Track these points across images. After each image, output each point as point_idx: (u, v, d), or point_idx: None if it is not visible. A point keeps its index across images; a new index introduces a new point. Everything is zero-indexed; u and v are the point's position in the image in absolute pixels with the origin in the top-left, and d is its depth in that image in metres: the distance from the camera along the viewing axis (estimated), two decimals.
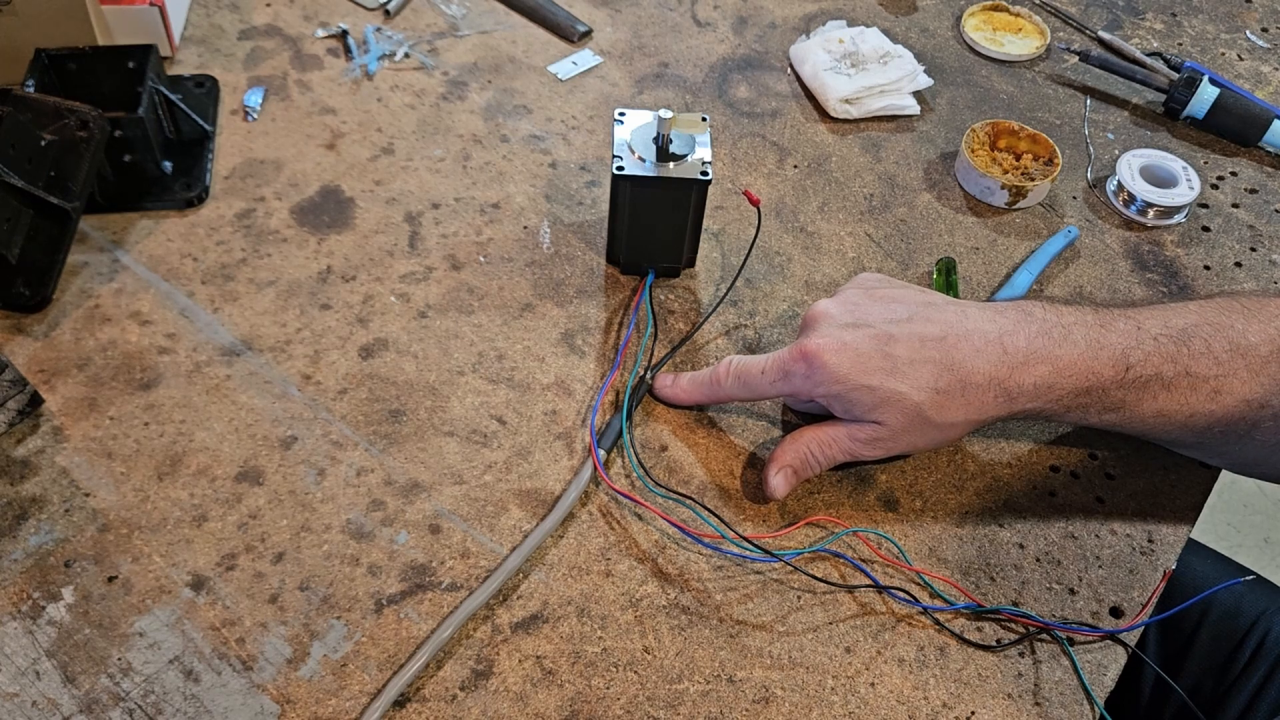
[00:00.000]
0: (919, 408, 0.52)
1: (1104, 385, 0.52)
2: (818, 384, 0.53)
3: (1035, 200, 0.74)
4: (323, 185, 0.71)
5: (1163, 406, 0.53)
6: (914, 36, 0.86)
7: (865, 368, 0.52)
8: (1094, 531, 0.58)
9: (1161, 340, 0.52)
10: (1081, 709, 0.51)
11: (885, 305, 0.55)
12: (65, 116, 0.62)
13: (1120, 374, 0.52)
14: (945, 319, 0.53)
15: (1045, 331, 0.52)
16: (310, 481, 0.56)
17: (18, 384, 0.56)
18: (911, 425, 0.53)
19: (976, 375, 0.52)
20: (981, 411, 0.52)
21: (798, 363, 0.53)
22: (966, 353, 0.52)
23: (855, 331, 0.53)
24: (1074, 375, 0.52)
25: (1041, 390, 0.52)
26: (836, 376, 0.52)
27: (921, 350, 0.52)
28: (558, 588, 0.53)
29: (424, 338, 0.63)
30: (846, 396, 0.53)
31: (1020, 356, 0.52)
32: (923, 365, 0.52)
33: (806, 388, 0.54)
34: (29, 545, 0.53)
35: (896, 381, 0.52)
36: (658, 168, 0.61)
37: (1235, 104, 0.79)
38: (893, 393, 0.52)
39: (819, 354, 0.53)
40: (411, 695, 0.49)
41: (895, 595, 0.54)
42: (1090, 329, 0.53)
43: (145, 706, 0.48)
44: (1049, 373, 0.52)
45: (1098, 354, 0.52)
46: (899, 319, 0.54)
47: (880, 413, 0.53)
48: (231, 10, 0.82)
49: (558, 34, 0.83)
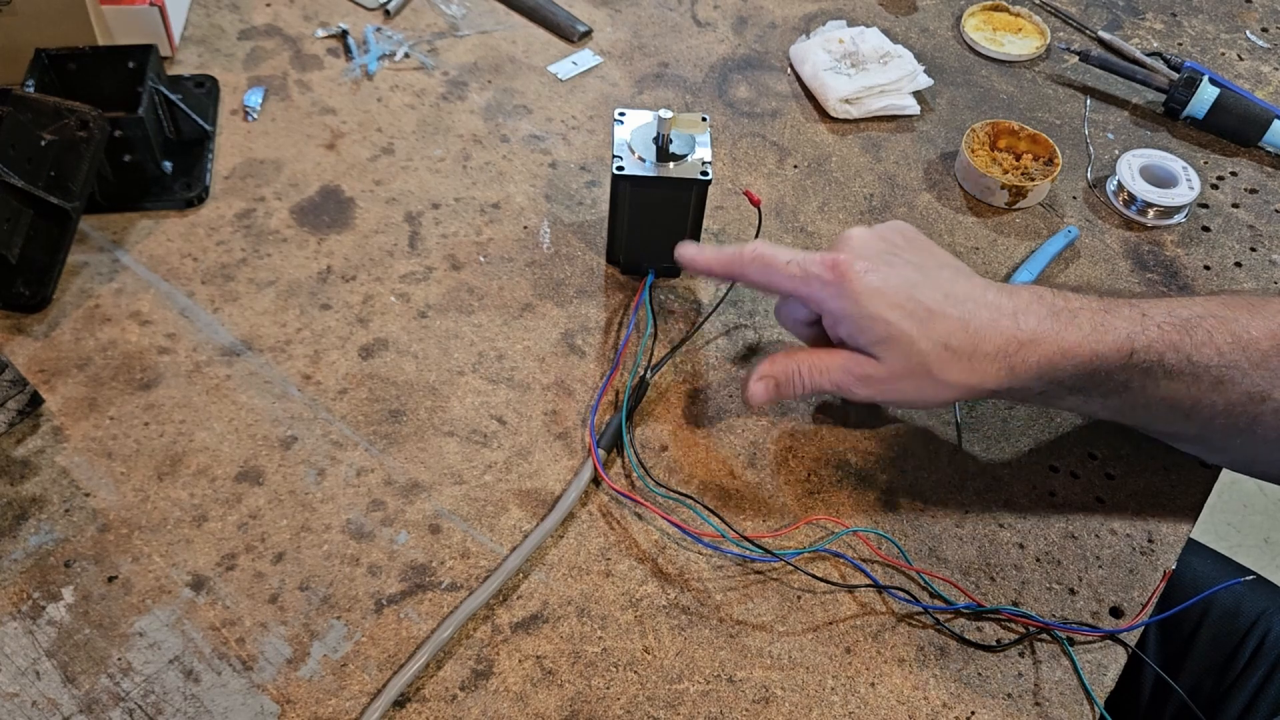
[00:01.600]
0: (924, 357, 0.52)
1: (1107, 369, 0.52)
2: (836, 298, 0.52)
3: (1035, 200, 0.74)
4: (323, 185, 0.71)
5: (1165, 393, 0.53)
6: (914, 36, 0.86)
7: (888, 300, 0.52)
8: (1094, 531, 0.58)
9: (1165, 328, 0.52)
10: (1081, 709, 0.51)
11: (919, 252, 0.55)
12: (65, 116, 0.62)
13: (1124, 358, 0.52)
14: (970, 285, 0.54)
15: (1054, 314, 0.53)
16: (310, 481, 0.56)
17: (18, 384, 0.56)
18: (910, 372, 0.52)
19: (987, 344, 0.52)
20: (982, 380, 0.52)
21: (826, 269, 0.53)
22: (984, 320, 0.52)
23: (888, 263, 0.53)
24: (1078, 357, 0.52)
25: (1045, 370, 0.52)
26: (859, 297, 0.52)
27: (944, 304, 0.52)
28: (558, 588, 0.53)
29: (424, 338, 0.63)
30: (860, 321, 0.52)
31: (1030, 334, 0.52)
32: (941, 318, 0.52)
33: (823, 298, 0.53)
34: (29, 545, 0.53)
35: (912, 324, 0.51)
36: (658, 168, 0.61)
37: (1235, 104, 0.79)
38: (904, 334, 0.51)
39: (849, 269, 0.52)
40: (411, 695, 0.49)
41: (895, 595, 0.54)
42: (1096, 314, 0.53)
43: (145, 706, 0.48)
44: (1054, 353, 0.52)
45: (1102, 337, 0.52)
46: (929, 268, 0.54)
47: (884, 349, 0.52)
48: (231, 10, 0.82)
49: (558, 34, 0.83)
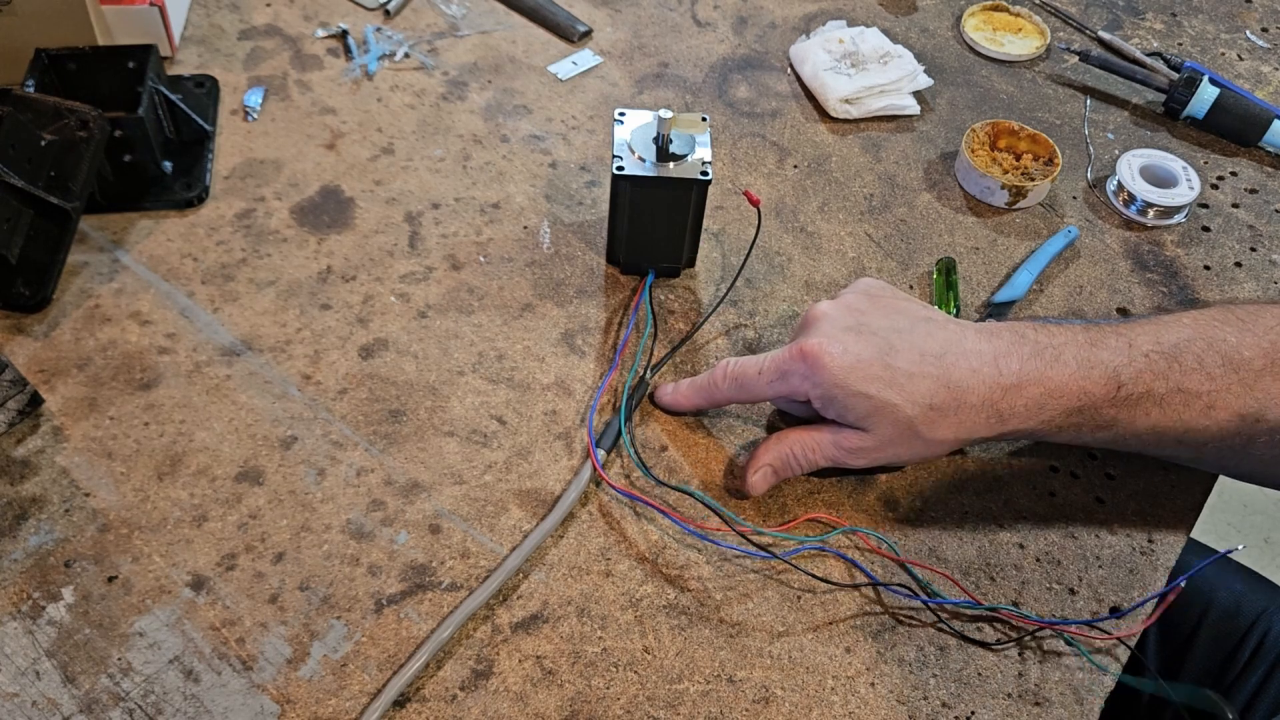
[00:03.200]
0: (911, 422, 0.52)
1: (1096, 404, 0.52)
2: (815, 384, 0.53)
3: (1035, 200, 0.74)
4: (323, 185, 0.71)
5: (1156, 423, 0.53)
6: (914, 36, 0.86)
7: (864, 374, 0.52)
8: (1094, 531, 0.58)
9: (1153, 357, 0.52)
10: (1081, 709, 0.51)
11: (887, 315, 0.54)
12: (65, 116, 0.62)
13: (1112, 392, 0.52)
14: (945, 336, 0.53)
15: (1038, 353, 0.52)
16: (310, 481, 0.56)
17: (18, 384, 0.56)
18: (899, 438, 0.53)
19: (971, 395, 0.52)
20: (972, 431, 0.52)
21: (796, 361, 0.53)
22: (964, 372, 0.52)
23: (857, 336, 0.53)
24: (1065, 396, 0.52)
25: (1033, 411, 0.52)
26: (835, 379, 0.52)
27: (921, 364, 0.52)
28: (558, 588, 0.53)
29: (424, 338, 0.63)
30: (841, 400, 0.52)
31: (1014, 378, 0.52)
32: (921, 379, 0.52)
33: (804, 388, 0.53)
34: (29, 545, 0.53)
35: (893, 393, 0.52)
36: (658, 168, 0.61)
37: (1235, 104, 0.79)
38: (887, 403, 0.52)
39: (819, 354, 0.52)
40: (411, 695, 0.49)
41: (895, 591, 0.54)
42: (1081, 348, 0.53)
43: (145, 706, 0.48)
44: (1041, 394, 0.52)
45: (1089, 373, 0.52)
46: (900, 329, 0.53)
47: (871, 421, 0.52)
48: (231, 10, 0.82)
49: (558, 34, 0.83)
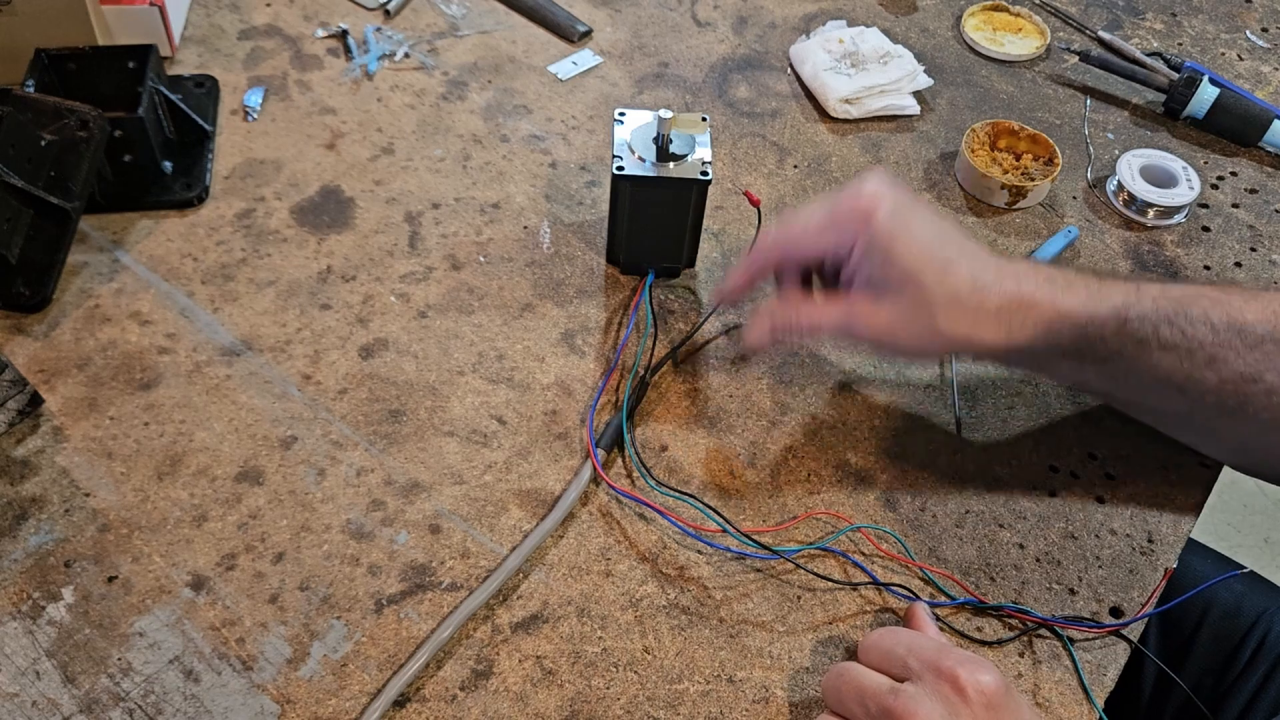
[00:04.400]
0: (933, 307, 0.52)
1: (1102, 334, 0.53)
2: (865, 235, 0.52)
3: (1035, 200, 0.74)
4: (323, 185, 0.71)
5: (1158, 365, 0.53)
6: (914, 36, 0.86)
7: (912, 243, 0.52)
8: (1094, 531, 0.58)
9: (1160, 302, 0.53)
10: (1081, 709, 0.51)
11: (940, 215, 0.55)
12: (65, 116, 0.62)
13: (1119, 324, 0.53)
14: (976, 245, 0.54)
15: (1050, 280, 0.53)
16: (310, 481, 0.56)
17: (18, 384, 0.56)
18: (914, 319, 0.53)
19: (991, 301, 0.52)
20: (980, 335, 0.53)
21: (853, 206, 0.53)
22: (990, 278, 0.53)
23: (911, 207, 0.53)
24: (1073, 320, 0.53)
25: (1041, 332, 0.53)
26: (887, 235, 0.52)
27: (959, 257, 0.53)
28: (558, 588, 0.53)
29: (424, 338, 0.63)
30: (885, 257, 0.52)
31: (1029, 296, 0.53)
32: (956, 271, 0.52)
33: (851, 237, 0.53)
34: (29, 545, 0.53)
35: (930, 273, 0.52)
36: (658, 168, 0.61)
37: (1235, 104, 0.79)
38: (921, 280, 0.52)
39: (878, 207, 0.52)
40: (411, 695, 0.49)
41: (896, 592, 0.54)
42: (1091, 283, 0.54)
43: (145, 706, 0.48)
44: (1052, 316, 0.52)
45: (1098, 304, 0.53)
46: (943, 220, 0.54)
47: (897, 292, 0.52)
48: (231, 10, 0.82)
49: (558, 34, 0.83)
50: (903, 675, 0.46)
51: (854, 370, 0.64)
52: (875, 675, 0.46)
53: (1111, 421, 0.62)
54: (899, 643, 0.47)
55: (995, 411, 0.62)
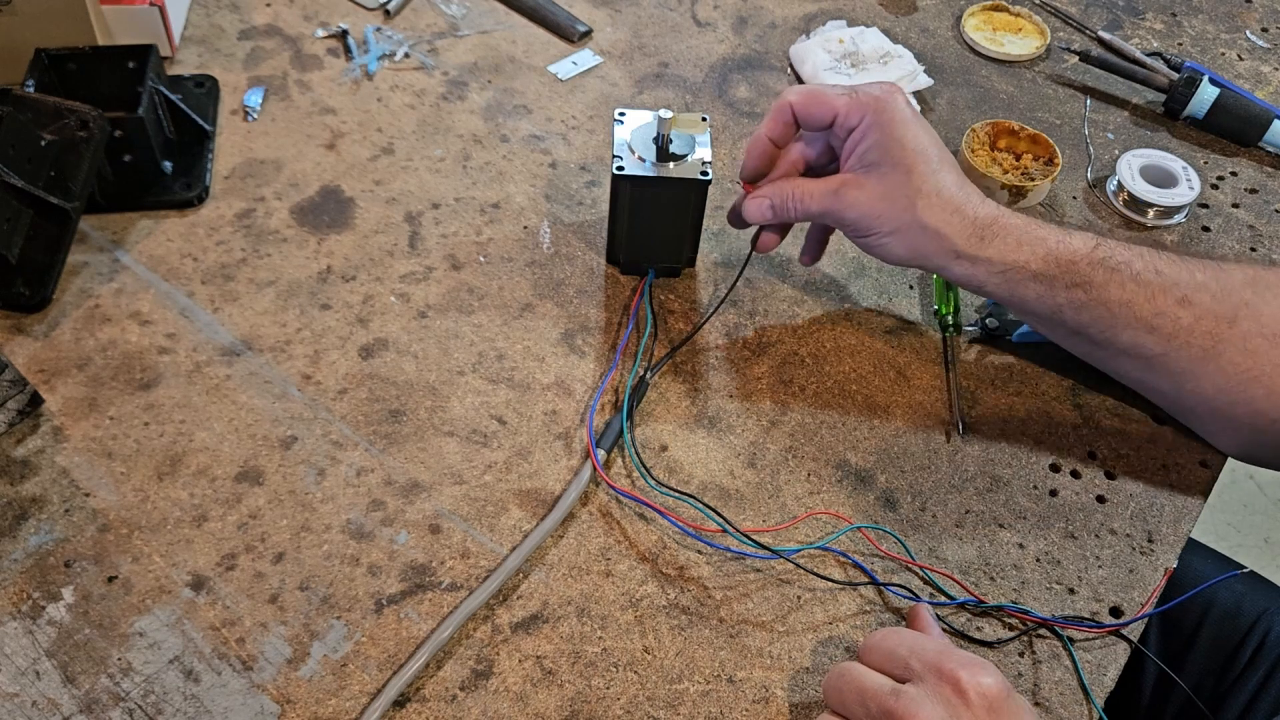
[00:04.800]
0: (917, 193, 0.56)
1: (1073, 259, 0.55)
2: (878, 114, 0.56)
3: (1035, 200, 0.74)
4: (323, 185, 0.71)
5: (1130, 297, 0.55)
6: (914, 36, 0.86)
7: (915, 133, 0.56)
8: (1094, 531, 0.58)
9: (1133, 244, 0.56)
10: (1081, 709, 0.51)
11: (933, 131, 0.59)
12: (65, 116, 0.62)
13: (1089, 250, 0.55)
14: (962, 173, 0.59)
15: (1026, 217, 0.57)
16: (310, 481, 0.56)
17: (18, 384, 0.56)
18: (896, 202, 0.56)
19: (970, 209, 0.56)
20: (954, 235, 0.56)
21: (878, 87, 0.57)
22: (974, 193, 0.57)
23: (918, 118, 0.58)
24: (1046, 244, 0.56)
25: (1011, 246, 0.56)
26: (897, 120, 0.56)
27: (952, 164, 0.57)
28: (558, 588, 0.53)
29: (424, 338, 0.63)
30: (888, 137, 0.56)
31: (1007, 219, 0.56)
32: (947, 171, 0.57)
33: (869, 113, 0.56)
34: (29, 545, 0.53)
35: (923, 162, 0.56)
36: (658, 168, 0.61)
37: (1235, 104, 0.79)
38: (913, 165, 0.56)
39: (897, 96, 0.57)
40: (411, 695, 0.49)
41: (895, 592, 0.54)
42: (1061, 228, 0.57)
43: (145, 706, 0.48)
44: (1026, 237, 0.56)
45: (1070, 236, 0.56)
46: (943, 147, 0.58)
47: (889, 171, 0.56)
48: (231, 10, 0.82)
49: (558, 34, 0.83)
50: (904, 676, 0.46)
51: (854, 370, 0.64)
52: (877, 676, 0.46)
53: (1111, 421, 0.62)
54: (901, 643, 0.47)
55: (995, 411, 0.62)
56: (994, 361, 0.65)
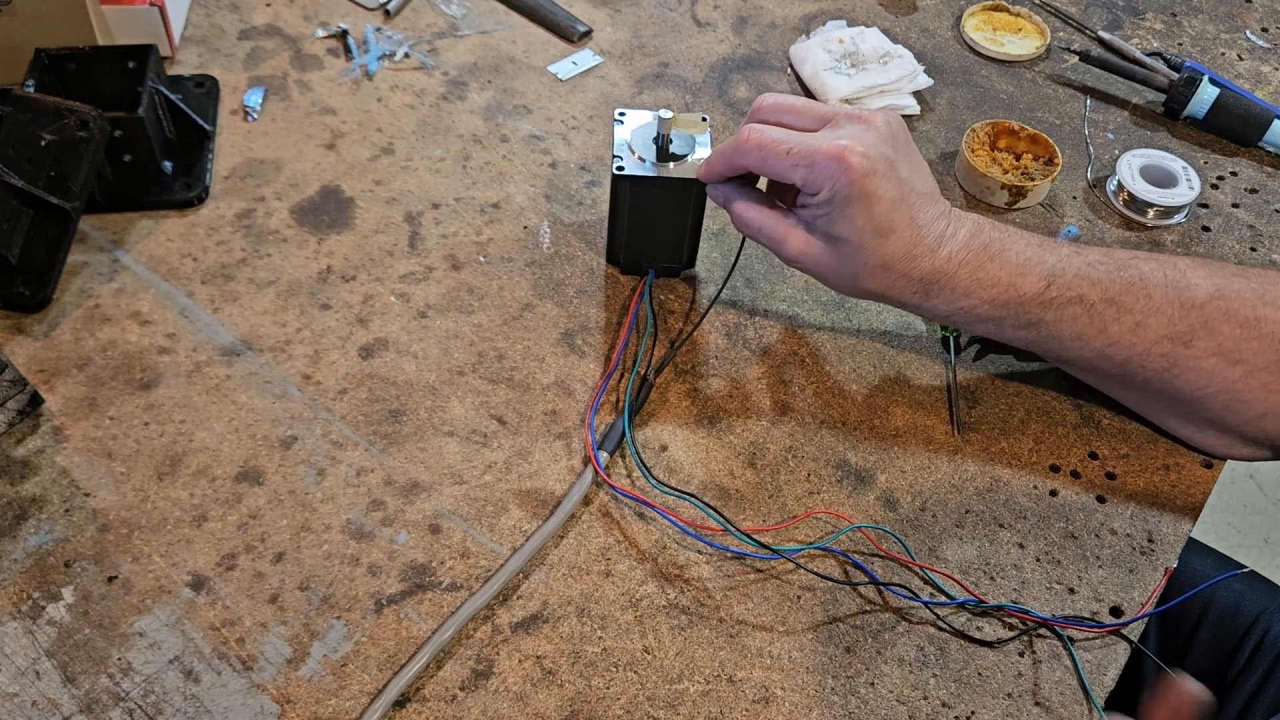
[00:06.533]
0: (864, 264, 0.55)
1: (1023, 300, 0.54)
2: (833, 188, 0.54)
3: (1035, 200, 0.74)
4: (323, 185, 0.71)
5: (1081, 331, 0.54)
6: (914, 36, 0.86)
7: (870, 210, 0.54)
8: (1094, 531, 0.58)
9: (1095, 265, 0.54)
10: (1081, 709, 0.51)
11: (908, 161, 0.56)
12: (65, 116, 0.62)
13: (1040, 290, 0.54)
14: (929, 208, 0.55)
15: (984, 247, 0.55)
16: (310, 481, 0.56)
17: (18, 384, 0.56)
18: (843, 267, 0.56)
19: (916, 270, 0.55)
20: (898, 295, 0.56)
21: (834, 162, 0.53)
22: (923, 249, 0.55)
23: (885, 170, 0.54)
24: (994, 287, 0.54)
25: (958, 295, 0.55)
26: (852, 197, 0.53)
27: (903, 228, 0.54)
28: (558, 588, 0.53)
29: (424, 338, 0.63)
30: (839, 214, 0.54)
31: (953, 267, 0.55)
32: (896, 240, 0.54)
33: (822, 185, 0.54)
34: (29, 545, 0.53)
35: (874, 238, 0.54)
36: (658, 168, 0.61)
37: (1235, 104, 0.79)
38: (862, 242, 0.54)
39: (855, 169, 0.53)
40: (411, 695, 0.49)
41: (895, 591, 0.54)
42: (1028, 247, 0.55)
43: (145, 706, 0.48)
44: (970, 283, 0.54)
45: (1025, 271, 0.54)
46: (912, 181, 0.55)
47: (840, 243, 0.55)
48: (231, 10, 0.82)
49: (558, 34, 0.83)
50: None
51: (854, 370, 0.64)
52: None
53: (1111, 421, 0.62)
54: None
55: (995, 411, 0.62)
56: (994, 361, 0.65)
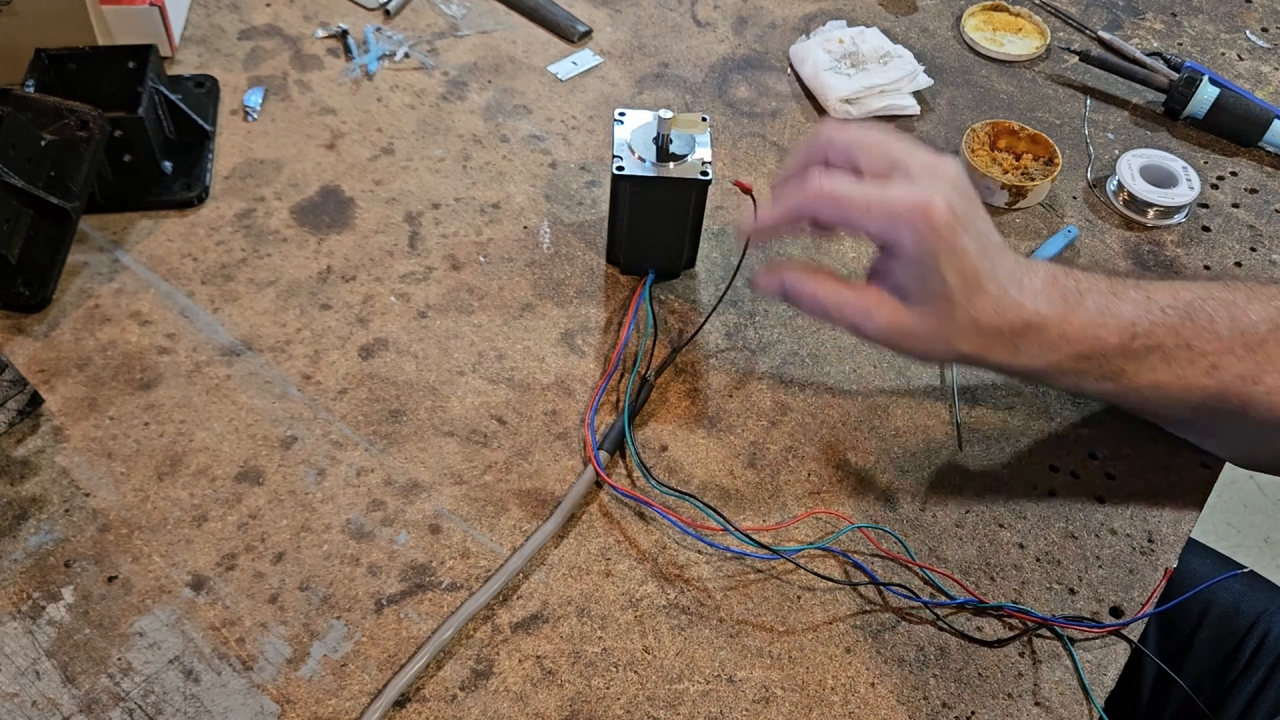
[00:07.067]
0: (955, 326, 0.51)
1: (1106, 352, 0.53)
2: (917, 244, 0.50)
3: (1035, 200, 0.74)
4: (323, 185, 0.71)
5: (1160, 378, 0.54)
6: (914, 36, 0.86)
7: (959, 264, 0.50)
8: (1094, 531, 0.58)
9: (1169, 312, 0.53)
10: (1081, 709, 0.51)
11: (979, 215, 0.53)
12: (65, 116, 0.62)
13: (1125, 342, 0.53)
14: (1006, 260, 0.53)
15: (1063, 296, 0.53)
16: (310, 481, 0.56)
17: (18, 384, 0.56)
18: (934, 334, 0.52)
19: (1005, 325, 0.52)
20: (988, 354, 0.52)
21: (917, 216, 0.49)
22: (1010, 303, 0.52)
23: (966, 223, 0.51)
24: (1080, 341, 0.52)
25: (1045, 351, 0.53)
26: (939, 252, 0.50)
27: (989, 283, 0.51)
28: (558, 588, 0.53)
29: (424, 338, 0.63)
30: (929, 273, 0.50)
31: (1040, 320, 0.52)
32: (983, 296, 0.51)
33: (906, 242, 0.50)
34: (29, 545, 0.53)
35: (964, 295, 0.50)
36: (658, 168, 0.61)
37: (1235, 104, 0.79)
38: (955, 303, 0.51)
39: (941, 223, 0.50)
40: (411, 695, 0.49)
41: (895, 591, 0.54)
42: (1103, 296, 0.53)
43: (145, 706, 0.48)
44: (1057, 338, 0.52)
45: (1105, 322, 0.53)
46: (986, 235, 0.52)
47: (929, 307, 0.51)
48: (231, 10, 0.82)
49: (558, 34, 0.83)
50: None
51: (854, 370, 0.64)
52: None
53: (1111, 421, 0.62)
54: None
55: (995, 412, 0.62)
56: None
